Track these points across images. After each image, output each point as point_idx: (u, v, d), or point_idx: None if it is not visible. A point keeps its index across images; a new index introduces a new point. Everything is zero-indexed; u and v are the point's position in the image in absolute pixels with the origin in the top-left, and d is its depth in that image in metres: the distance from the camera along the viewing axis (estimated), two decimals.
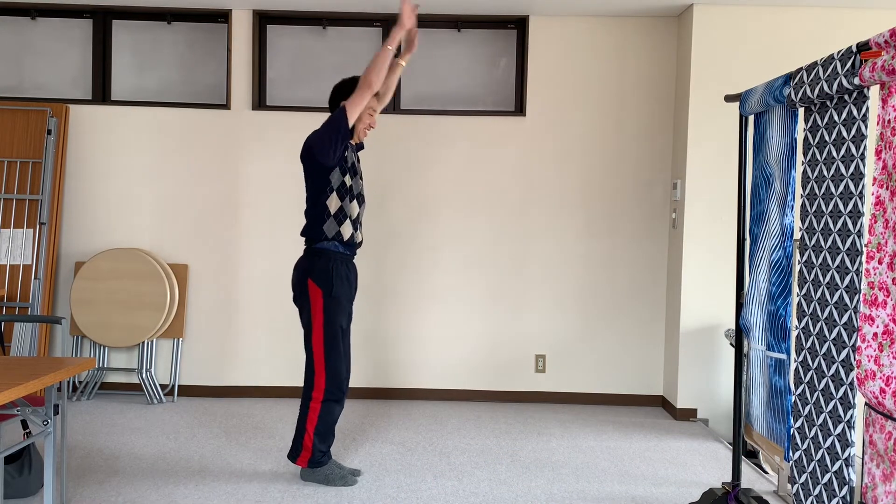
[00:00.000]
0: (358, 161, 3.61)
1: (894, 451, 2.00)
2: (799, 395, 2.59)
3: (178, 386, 5.09)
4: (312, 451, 3.49)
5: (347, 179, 3.45)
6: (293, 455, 3.53)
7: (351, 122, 3.39)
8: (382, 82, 3.44)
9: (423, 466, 3.80)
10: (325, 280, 3.42)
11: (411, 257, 5.12)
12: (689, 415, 4.81)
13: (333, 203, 3.42)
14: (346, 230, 3.45)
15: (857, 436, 2.34)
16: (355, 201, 3.50)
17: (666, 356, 5.08)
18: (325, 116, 5.14)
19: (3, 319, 3.43)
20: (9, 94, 5.17)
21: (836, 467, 2.39)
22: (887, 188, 2.03)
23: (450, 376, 5.12)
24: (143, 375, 4.96)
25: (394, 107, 5.14)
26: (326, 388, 3.45)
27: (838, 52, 2.29)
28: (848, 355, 2.32)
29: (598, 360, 5.13)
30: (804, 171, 2.61)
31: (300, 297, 3.51)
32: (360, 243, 3.61)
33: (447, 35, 5.19)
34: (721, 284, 4.70)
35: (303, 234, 3.51)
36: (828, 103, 2.46)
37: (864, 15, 4.65)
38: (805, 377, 2.56)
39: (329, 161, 3.36)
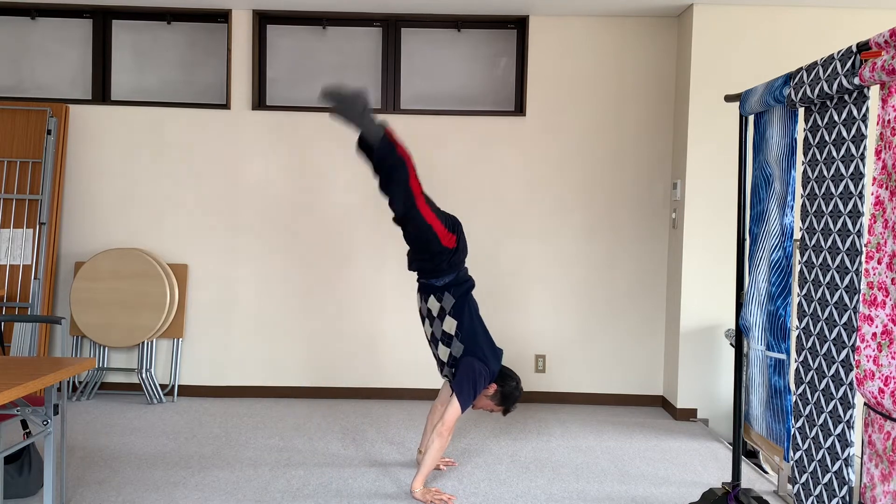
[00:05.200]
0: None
1: (893, 451, 2.00)
2: (800, 395, 2.59)
3: (178, 386, 5.09)
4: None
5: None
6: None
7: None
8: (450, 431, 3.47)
9: None
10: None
11: None
12: (689, 415, 4.81)
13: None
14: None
15: (856, 436, 2.34)
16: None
17: (666, 356, 5.08)
18: (325, 116, 5.15)
19: (3, 319, 3.43)
20: (9, 94, 5.17)
21: (836, 467, 2.39)
22: (887, 188, 2.03)
23: None
24: (143, 375, 4.96)
25: (394, 107, 5.14)
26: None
27: (838, 52, 2.29)
28: (848, 355, 2.32)
29: (598, 360, 5.13)
30: (804, 171, 2.61)
31: None
32: None
33: (447, 35, 5.19)
34: (721, 284, 4.69)
35: None
36: (828, 103, 2.46)
37: (864, 15, 4.65)
38: (806, 377, 2.56)
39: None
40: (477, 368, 3.43)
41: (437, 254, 3.44)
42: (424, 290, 3.55)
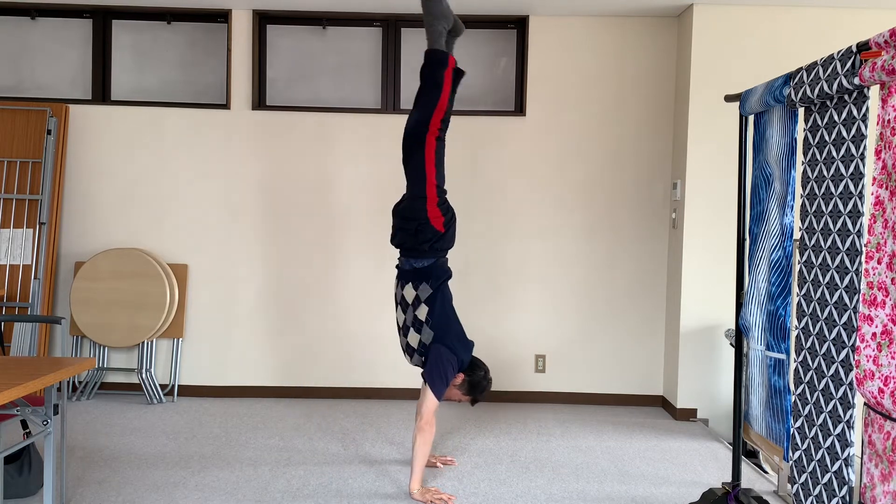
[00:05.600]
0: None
1: (893, 451, 2.00)
2: (799, 395, 2.59)
3: (178, 386, 5.09)
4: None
5: None
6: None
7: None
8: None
9: None
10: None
11: None
12: (689, 415, 4.81)
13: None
14: None
15: (856, 436, 2.34)
16: None
17: (666, 356, 5.08)
18: (325, 116, 5.15)
19: (3, 319, 3.43)
20: (9, 94, 5.17)
21: (835, 467, 2.39)
22: (887, 188, 2.03)
23: None
24: (143, 375, 4.96)
25: (394, 106, 5.14)
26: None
27: (838, 52, 2.29)
28: (847, 355, 2.32)
29: (598, 360, 5.13)
30: (804, 171, 2.61)
31: None
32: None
33: None
34: (721, 284, 4.69)
35: None
36: (828, 103, 2.46)
37: (864, 15, 4.65)
38: (805, 377, 2.56)
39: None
40: (445, 355, 3.44)
41: (423, 225, 3.45)
42: (403, 277, 3.55)
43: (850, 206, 2.33)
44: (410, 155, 3.53)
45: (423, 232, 3.46)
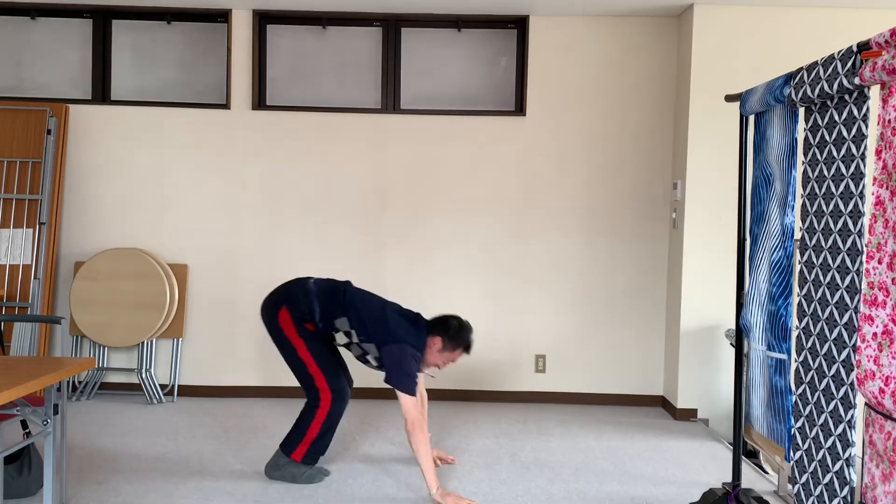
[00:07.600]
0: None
1: (894, 451, 2.00)
2: (800, 395, 2.59)
3: (178, 386, 5.09)
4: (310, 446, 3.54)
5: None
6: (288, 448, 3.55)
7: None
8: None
9: None
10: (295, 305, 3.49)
11: (411, 258, 5.12)
12: (689, 415, 4.81)
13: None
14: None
15: (857, 436, 2.34)
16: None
17: (666, 356, 5.08)
18: (325, 116, 5.15)
19: (3, 319, 3.43)
20: (9, 94, 5.17)
21: (836, 467, 2.39)
22: (887, 188, 2.03)
23: (450, 376, 5.10)
24: (143, 375, 4.96)
25: (394, 107, 5.14)
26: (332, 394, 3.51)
27: (839, 52, 2.29)
28: (848, 355, 2.32)
29: (598, 360, 5.13)
30: (804, 171, 2.61)
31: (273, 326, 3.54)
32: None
33: (447, 35, 5.19)
34: (721, 284, 4.69)
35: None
36: (828, 103, 2.46)
37: (864, 15, 4.65)
38: (806, 377, 2.56)
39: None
40: (396, 351, 3.35)
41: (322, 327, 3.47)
42: (326, 331, 3.51)
43: (850, 206, 2.33)
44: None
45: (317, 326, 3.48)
